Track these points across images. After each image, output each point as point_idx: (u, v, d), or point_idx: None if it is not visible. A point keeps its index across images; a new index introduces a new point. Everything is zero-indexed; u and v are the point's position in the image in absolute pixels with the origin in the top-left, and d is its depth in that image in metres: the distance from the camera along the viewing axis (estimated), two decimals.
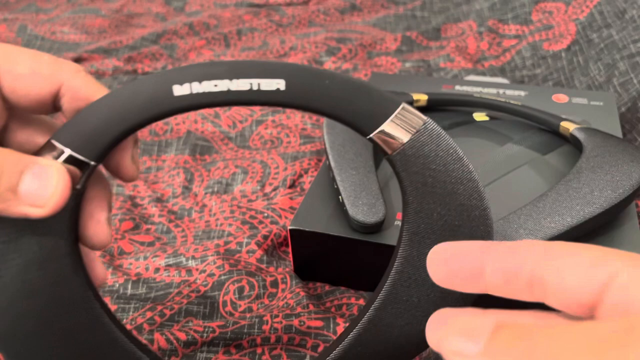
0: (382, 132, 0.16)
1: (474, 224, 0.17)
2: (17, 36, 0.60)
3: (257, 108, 0.45)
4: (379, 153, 0.18)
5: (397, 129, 0.16)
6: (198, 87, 0.15)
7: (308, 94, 0.15)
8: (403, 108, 0.16)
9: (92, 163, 0.15)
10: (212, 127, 0.43)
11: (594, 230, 0.25)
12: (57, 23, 0.63)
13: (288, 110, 0.45)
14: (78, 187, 0.15)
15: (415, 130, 0.16)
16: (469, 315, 0.12)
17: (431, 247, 0.14)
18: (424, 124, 0.16)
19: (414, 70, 0.52)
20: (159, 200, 0.36)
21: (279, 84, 0.15)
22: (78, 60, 0.55)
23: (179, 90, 0.15)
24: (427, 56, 0.54)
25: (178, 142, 0.41)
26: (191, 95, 0.15)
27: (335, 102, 0.16)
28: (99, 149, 0.15)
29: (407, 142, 0.16)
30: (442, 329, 0.12)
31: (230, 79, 0.15)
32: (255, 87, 0.15)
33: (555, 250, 0.11)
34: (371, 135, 0.16)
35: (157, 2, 0.70)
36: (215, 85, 0.15)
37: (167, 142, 0.42)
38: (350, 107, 0.16)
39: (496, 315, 0.12)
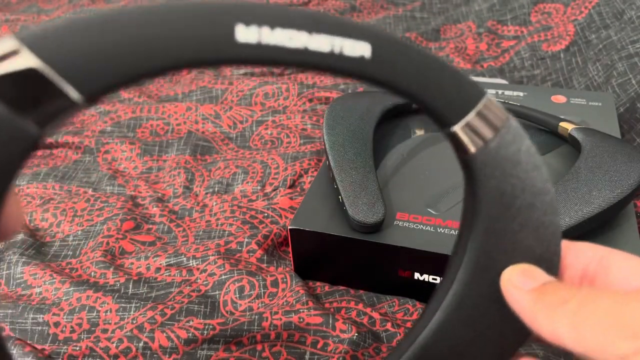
0: (469, 123, 0.13)
1: (546, 244, 0.14)
2: None
3: (257, 108, 0.45)
4: (455, 152, 0.14)
5: (483, 122, 0.13)
6: (269, 37, 0.11)
7: (395, 67, 0.12)
8: (488, 98, 0.13)
9: (80, 100, 0.10)
10: (212, 128, 0.43)
11: (593, 230, 0.25)
12: None
13: (288, 111, 0.45)
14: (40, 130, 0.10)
15: (500, 126, 0.13)
16: (536, 268, 0.14)
17: (499, 273, 0.14)
18: (508, 119, 0.14)
19: None
20: (160, 200, 0.36)
21: (364, 50, 0.12)
22: None
23: (244, 33, 0.11)
24: None
25: (179, 142, 0.41)
26: (258, 46, 0.11)
27: (422, 81, 0.12)
28: (98, 86, 0.10)
29: (492, 139, 0.13)
30: (510, 268, 0.14)
31: (310, 31, 0.11)
32: (337, 50, 0.12)
33: (613, 254, 0.14)
34: (455, 127, 0.13)
35: (157, 3, 0.70)
36: (291, 39, 0.11)
37: (168, 142, 0.42)
38: (438, 90, 0.13)
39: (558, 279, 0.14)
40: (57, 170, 0.39)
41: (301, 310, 0.26)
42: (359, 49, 0.12)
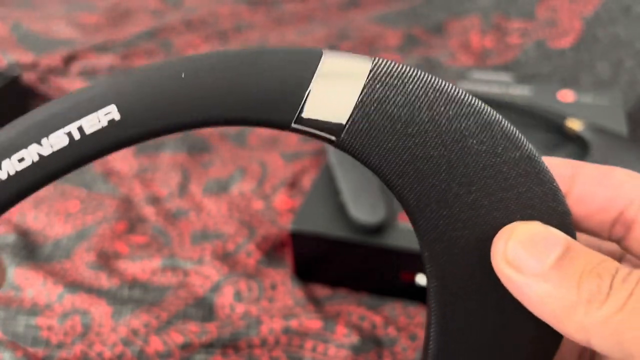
0: (308, 112, 0.10)
1: (537, 213, 0.10)
2: (12, 33, 0.59)
3: None
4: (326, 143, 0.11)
5: (331, 94, 0.10)
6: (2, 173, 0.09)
7: (161, 108, 0.09)
8: (325, 57, 0.10)
9: None
10: None
11: None
12: (52, 19, 0.62)
13: None
14: None
15: (361, 87, 0.10)
16: (540, 225, 0.09)
17: (474, 247, 0.10)
18: (372, 68, 0.10)
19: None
20: (155, 200, 0.35)
21: (109, 114, 0.09)
22: (73, 57, 0.54)
23: None
24: (429, 53, 0.53)
25: (175, 140, 0.41)
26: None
27: (209, 102, 0.09)
28: None
29: (354, 113, 0.10)
30: (503, 238, 0.09)
31: (39, 140, 0.09)
32: (77, 136, 0.09)
33: None
34: (295, 125, 0.10)
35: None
36: (21, 160, 0.09)
37: (163, 140, 0.41)
38: (239, 98, 0.09)
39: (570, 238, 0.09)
40: None
41: (301, 314, 0.25)
42: (102, 117, 0.09)
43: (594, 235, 0.11)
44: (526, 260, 0.09)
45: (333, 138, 0.10)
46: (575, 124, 0.31)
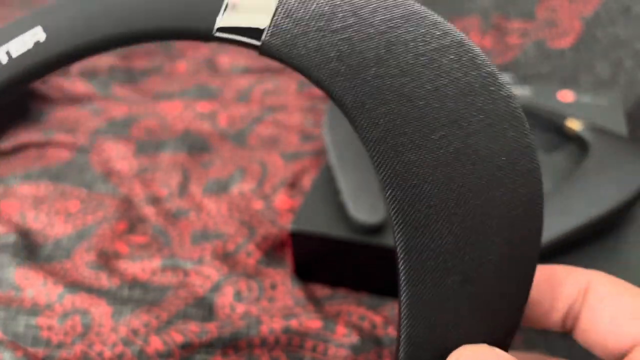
0: (230, 16, 0.10)
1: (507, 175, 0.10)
2: None
3: (255, 107, 0.45)
4: (250, 49, 0.11)
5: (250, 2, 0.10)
6: None
7: (84, 24, 0.10)
8: None
9: None
10: (209, 126, 0.43)
11: (600, 231, 0.25)
12: None
13: (287, 109, 0.44)
14: None
15: None
16: (487, 349, 0.10)
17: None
18: None
19: None
20: (155, 200, 0.35)
21: (35, 35, 0.10)
22: None
23: None
24: None
25: (175, 140, 0.41)
26: None
27: (130, 14, 0.10)
28: None
29: (275, 14, 0.10)
30: None
31: None
32: (4, 60, 0.10)
33: (598, 286, 0.11)
34: (218, 34, 0.10)
35: None
36: None
37: (163, 140, 0.41)
38: (158, 10, 0.10)
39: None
40: (50, 170, 0.38)
41: (301, 314, 0.25)
42: (28, 39, 0.10)
43: (552, 329, 0.12)
44: None
45: (257, 43, 0.10)
46: (575, 124, 0.31)
